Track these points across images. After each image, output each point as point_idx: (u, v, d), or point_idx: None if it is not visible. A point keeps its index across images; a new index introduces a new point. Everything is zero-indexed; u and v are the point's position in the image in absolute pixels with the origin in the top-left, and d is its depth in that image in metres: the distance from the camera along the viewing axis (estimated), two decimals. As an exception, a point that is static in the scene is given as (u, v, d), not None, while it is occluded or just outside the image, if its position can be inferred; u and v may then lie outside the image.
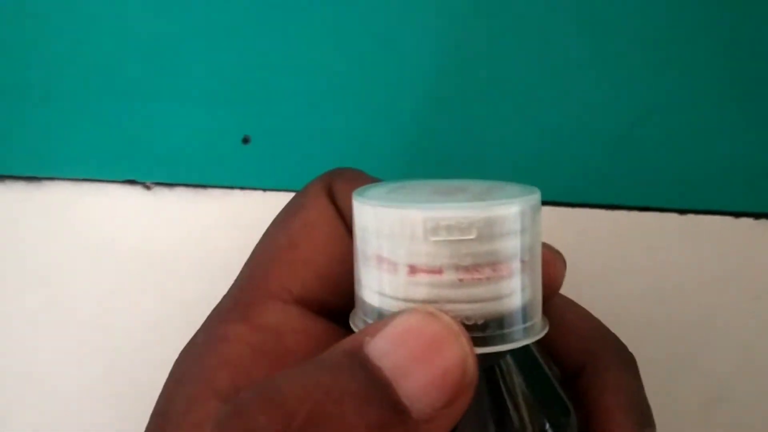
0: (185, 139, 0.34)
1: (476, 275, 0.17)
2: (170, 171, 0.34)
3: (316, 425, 0.16)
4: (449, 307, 0.17)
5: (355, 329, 0.19)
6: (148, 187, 0.34)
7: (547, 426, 0.19)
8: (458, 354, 0.17)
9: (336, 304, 0.23)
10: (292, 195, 0.34)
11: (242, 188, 0.34)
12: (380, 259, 0.18)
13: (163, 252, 0.35)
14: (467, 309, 0.18)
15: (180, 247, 0.35)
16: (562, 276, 0.23)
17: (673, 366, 0.32)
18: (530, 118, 0.33)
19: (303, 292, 0.22)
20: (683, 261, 0.32)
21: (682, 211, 0.32)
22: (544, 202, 0.33)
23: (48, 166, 0.35)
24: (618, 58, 0.32)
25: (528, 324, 0.19)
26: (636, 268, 0.33)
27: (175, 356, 0.23)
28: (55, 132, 0.35)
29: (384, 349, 0.17)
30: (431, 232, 0.17)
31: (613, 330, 0.31)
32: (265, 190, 0.34)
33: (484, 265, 0.17)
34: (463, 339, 0.17)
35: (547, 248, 0.23)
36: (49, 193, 0.35)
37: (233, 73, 0.34)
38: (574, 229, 0.32)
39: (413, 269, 0.17)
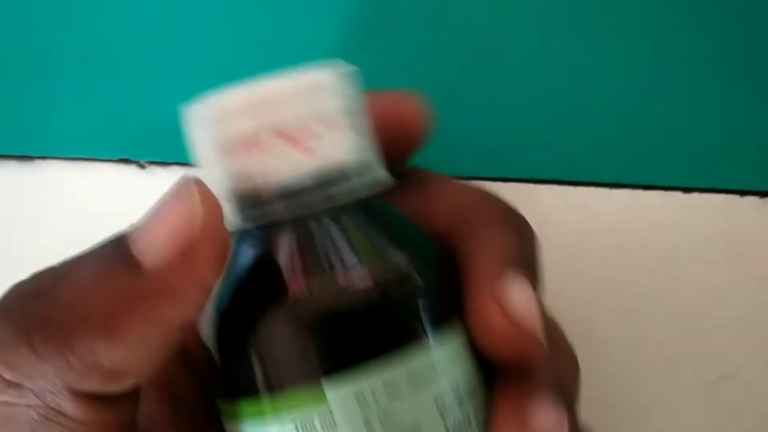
0: (180, 118, 0.34)
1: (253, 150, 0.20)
2: (165, 150, 0.34)
3: (51, 275, 0.19)
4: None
5: None
6: (142, 166, 0.34)
7: (400, 261, 0.20)
8: (185, 209, 0.18)
9: None
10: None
11: (238, 167, 0.34)
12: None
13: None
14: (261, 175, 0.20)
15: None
16: (421, 115, 0.23)
17: (678, 346, 0.32)
18: (532, 96, 0.32)
19: None
20: (687, 240, 0.32)
21: (686, 190, 0.32)
22: (546, 181, 0.32)
23: (40, 145, 0.35)
24: (622, 36, 0.32)
25: (334, 186, 0.20)
26: (639, 247, 0.32)
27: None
28: (48, 110, 0.34)
29: (140, 219, 0.19)
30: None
31: (617, 310, 0.31)
32: (261, 169, 0.34)
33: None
34: (196, 196, 0.18)
35: (398, 95, 0.23)
36: (41, 173, 0.34)
37: (229, 50, 0.33)
38: (577, 208, 0.32)
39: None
